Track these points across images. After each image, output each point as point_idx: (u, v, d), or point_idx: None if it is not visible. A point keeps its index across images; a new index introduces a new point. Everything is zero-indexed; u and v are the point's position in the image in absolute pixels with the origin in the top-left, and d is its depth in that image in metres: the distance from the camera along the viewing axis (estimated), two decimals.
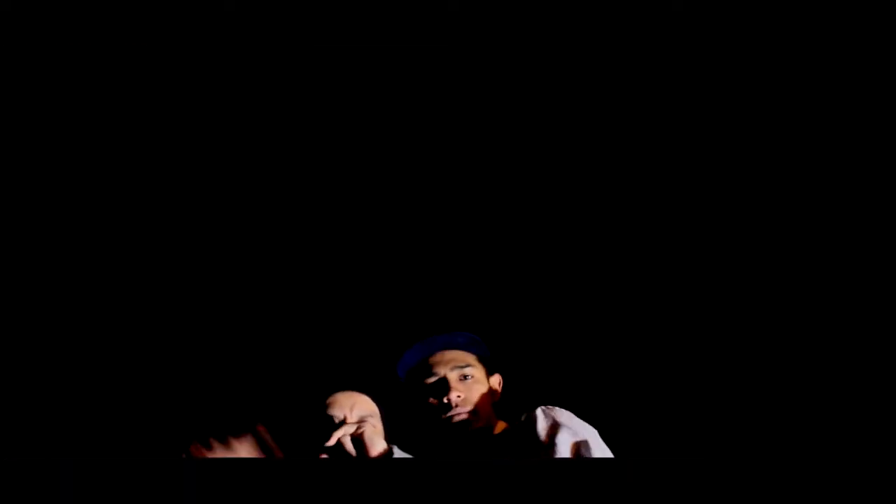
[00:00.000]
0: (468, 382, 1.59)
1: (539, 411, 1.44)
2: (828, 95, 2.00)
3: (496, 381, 1.72)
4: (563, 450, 1.34)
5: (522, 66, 2.09)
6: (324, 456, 1.43)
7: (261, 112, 2.21)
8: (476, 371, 1.62)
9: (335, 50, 2.09)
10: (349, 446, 1.41)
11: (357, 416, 1.53)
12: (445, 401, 1.57)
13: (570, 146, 2.15)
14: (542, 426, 1.40)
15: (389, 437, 1.52)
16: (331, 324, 2.14)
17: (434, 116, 2.17)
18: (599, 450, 1.39)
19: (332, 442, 1.41)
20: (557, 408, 1.46)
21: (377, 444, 1.42)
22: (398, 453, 1.42)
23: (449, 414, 1.54)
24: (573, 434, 1.36)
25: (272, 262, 2.17)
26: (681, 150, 2.11)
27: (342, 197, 2.21)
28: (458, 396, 1.56)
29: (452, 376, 1.60)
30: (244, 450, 1.37)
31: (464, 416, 1.54)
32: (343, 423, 1.47)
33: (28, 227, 2.08)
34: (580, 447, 1.36)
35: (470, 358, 1.65)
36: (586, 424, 1.44)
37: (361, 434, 1.42)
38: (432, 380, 1.61)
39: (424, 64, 2.11)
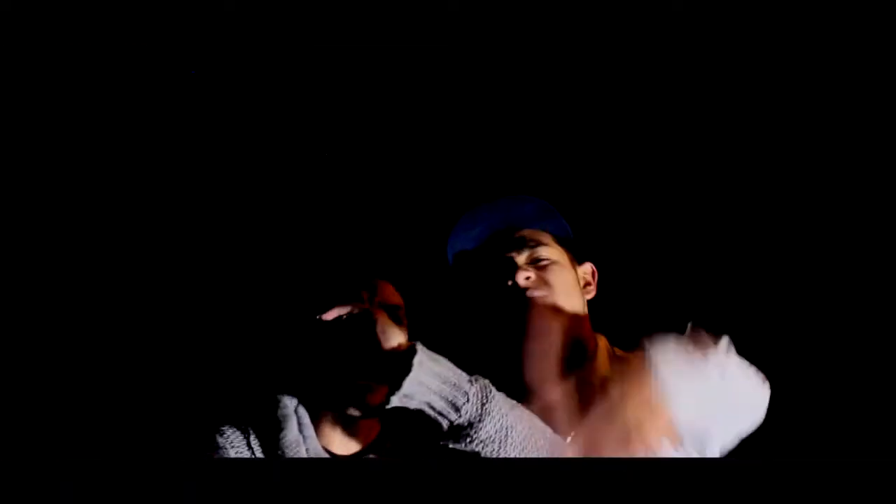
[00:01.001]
0: (543, 266, 1.13)
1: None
2: (827, 95, 2.00)
3: (588, 270, 1.23)
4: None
5: (522, 66, 2.10)
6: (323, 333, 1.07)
7: (261, 112, 2.21)
8: (553, 252, 1.16)
9: (335, 50, 2.09)
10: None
11: (374, 301, 1.11)
12: (510, 284, 1.07)
13: (570, 146, 2.15)
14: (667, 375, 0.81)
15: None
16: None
17: (434, 116, 2.17)
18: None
19: (330, 315, 1.03)
20: (722, 354, 0.82)
21: (393, 336, 0.99)
22: (423, 354, 0.98)
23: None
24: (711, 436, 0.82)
25: (271, 260, 2.18)
26: (680, 151, 2.12)
27: (341, 196, 2.22)
28: (527, 278, 1.08)
29: (520, 259, 1.14)
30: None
31: (542, 300, 1.03)
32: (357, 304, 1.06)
33: (24, 238, 2.09)
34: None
35: (544, 236, 1.19)
36: (757, 401, 0.87)
37: (375, 320, 1.01)
38: (493, 264, 1.10)
39: (424, 64, 2.11)
